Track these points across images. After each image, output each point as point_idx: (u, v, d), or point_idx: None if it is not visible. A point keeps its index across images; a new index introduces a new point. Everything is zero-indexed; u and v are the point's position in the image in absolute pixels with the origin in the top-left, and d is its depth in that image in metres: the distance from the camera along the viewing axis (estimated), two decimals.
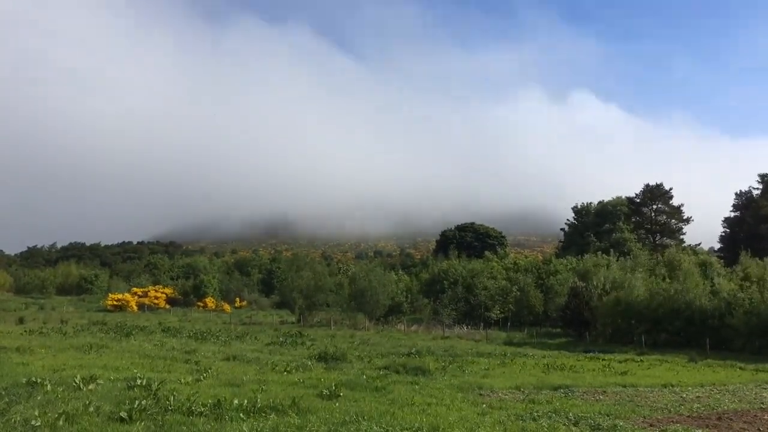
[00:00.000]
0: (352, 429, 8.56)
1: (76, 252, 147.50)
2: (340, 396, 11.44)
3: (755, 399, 14.76)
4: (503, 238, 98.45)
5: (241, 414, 9.02)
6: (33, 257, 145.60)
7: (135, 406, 8.87)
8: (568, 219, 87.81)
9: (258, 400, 9.98)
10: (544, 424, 9.84)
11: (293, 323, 48.64)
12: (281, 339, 29.03)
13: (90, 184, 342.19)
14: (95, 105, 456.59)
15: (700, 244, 76.56)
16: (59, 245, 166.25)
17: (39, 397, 9.79)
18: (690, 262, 49.71)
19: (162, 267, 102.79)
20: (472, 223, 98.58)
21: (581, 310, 41.36)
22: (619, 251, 63.71)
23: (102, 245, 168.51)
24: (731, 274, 45.07)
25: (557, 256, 71.73)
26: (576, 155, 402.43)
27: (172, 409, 9.07)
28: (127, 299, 64.79)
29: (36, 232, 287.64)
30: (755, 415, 12.06)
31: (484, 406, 11.57)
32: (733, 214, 76.02)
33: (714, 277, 41.65)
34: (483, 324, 49.43)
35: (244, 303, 78.80)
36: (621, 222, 78.48)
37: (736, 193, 77.07)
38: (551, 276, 57.05)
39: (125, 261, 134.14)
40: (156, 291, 73.18)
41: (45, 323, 36.06)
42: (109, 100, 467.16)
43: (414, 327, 46.27)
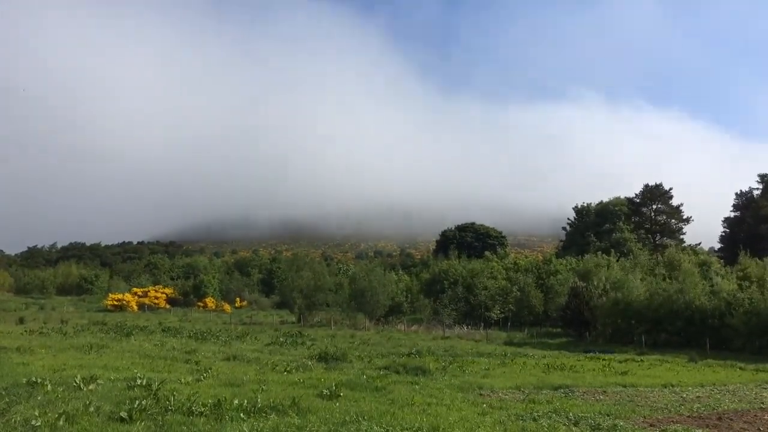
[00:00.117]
0: (352, 429, 8.56)
1: (76, 252, 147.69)
2: (340, 396, 11.44)
3: (755, 399, 14.77)
4: (503, 238, 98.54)
5: (242, 414, 9.02)
6: (33, 257, 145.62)
7: (135, 406, 8.88)
8: (568, 219, 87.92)
9: (258, 400, 9.99)
10: (544, 424, 9.84)
11: (293, 323, 48.65)
12: (281, 339, 29.01)
13: (90, 184, 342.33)
14: (97, 104, 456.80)
15: (700, 244, 76.63)
16: (59, 245, 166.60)
17: (39, 397, 9.78)
18: (690, 262, 49.81)
19: (162, 267, 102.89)
20: (472, 223, 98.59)
21: (581, 310, 41.38)
22: (620, 251, 63.86)
23: (102, 245, 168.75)
24: (730, 274, 45.09)
25: (557, 256, 71.68)
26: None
27: (172, 409, 9.07)
28: (128, 299, 64.84)
29: (36, 232, 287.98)
30: (755, 415, 12.07)
31: (484, 406, 11.57)
32: (733, 214, 76.14)
33: (713, 277, 41.68)
34: (483, 324, 49.40)
35: (244, 303, 78.77)
36: (621, 222, 78.48)
37: (736, 193, 77.31)
38: (551, 276, 57.01)
39: (125, 261, 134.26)
40: (156, 291, 73.22)
41: (45, 323, 36.06)
42: (110, 99, 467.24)
43: (414, 327, 46.24)
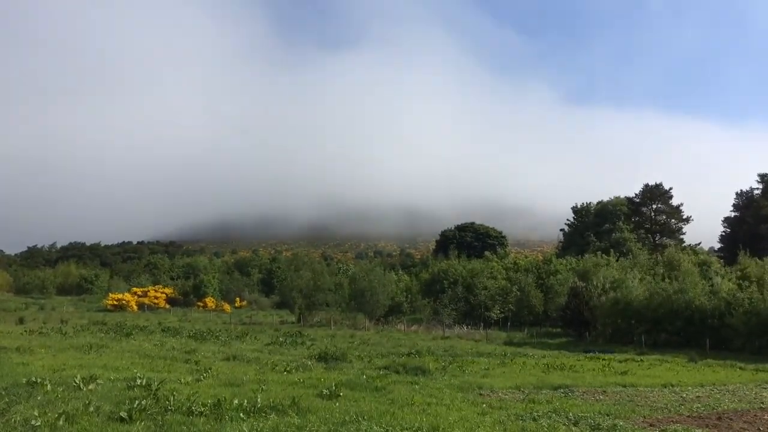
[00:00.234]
0: (352, 429, 8.56)
1: (76, 252, 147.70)
2: (340, 396, 11.44)
3: (755, 399, 14.77)
4: (503, 238, 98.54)
5: (241, 414, 9.02)
6: (33, 257, 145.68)
7: (135, 406, 8.88)
8: (568, 219, 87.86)
9: (258, 400, 9.98)
10: (544, 424, 9.83)
11: (293, 323, 48.65)
12: (281, 339, 29.01)
13: (90, 184, 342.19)
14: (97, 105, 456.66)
15: (700, 243, 76.59)
16: (59, 245, 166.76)
17: (39, 397, 9.79)
18: (690, 261, 49.78)
19: (162, 267, 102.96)
20: (472, 223, 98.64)
21: (581, 310, 41.38)
22: (619, 251, 63.85)
23: (102, 245, 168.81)
24: (730, 274, 45.07)
25: (557, 256, 71.67)
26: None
27: (172, 409, 9.07)
28: (127, 299, 64.89)
29: (36, 232, 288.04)
30: (755, 415, 12.07)
31: (484, 406, 11.57)
32: (733, 214, 76.14)
33: (713, 277, 41.66)
34: (483, 324, 49.39)
35: (244, 303, 78.79)
36: (621, 222, 78.44)
37: (736, 193, 77.32)
38: (551, 276, 57.01)
39: (125, 261, 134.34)
40: (156, 291, 73.29)
41: (45, 323, 36.10)
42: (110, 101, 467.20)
43: (414, 327, 46.24)
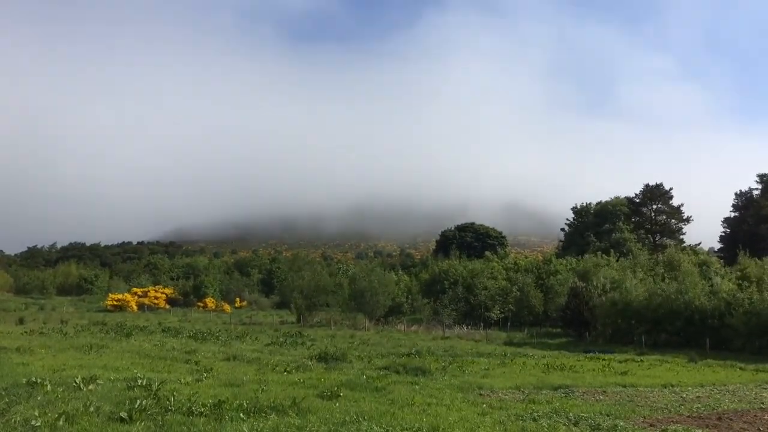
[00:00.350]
0: (352, 429, 8.56)
1: (76, 252, 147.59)
2: (340, 396, 11.44)
3: (755, 399, 14.77)
4: (503, 238, 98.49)
5: (242, 414, 9.02)
6: (33, 257, 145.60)
7: (135, 406, 8.87)
8: (567, 219, 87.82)
9: (258, 400, 9.99)
10: (544, 424, 9.84)
11: (293, 323, 48.65)
12: (281, 339, 29.00)
13: (90, 184, 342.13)
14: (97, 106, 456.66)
15: (700, 244, 76.51)
16: (59, 245, 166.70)
17: (39, 397, 9.78)
18: (690, 262, 49.76)
19: (162, 267, 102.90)
20: (472, 223, 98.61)
21: (581, 310, 41.37)
22: (619, 251, 63.79)
23: (102, 245, 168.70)
24: (730, 274, 45.05)
25: (557, 256, 71.64)
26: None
27: (172, 410, 9.07)
28: (127, 299, 64.88)
29: (36, 232, 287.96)
30: (755, 415, 12.07)
31: (484, 406, 11.57)
32: (733, 214, 76.13)
33: (713, 277, 41.63)
34: (483, 324, 49.39)
35: (244, 303, 78.80)
36: (621, 222, 78.40)
37: (735, 193, 77.30)
38: (551, 276, 57.00)
39: (125, 261, 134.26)
40: (156, 291, 73.27)
41: (45, 323, 36.12)
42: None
43: (414, 327, 46.25)
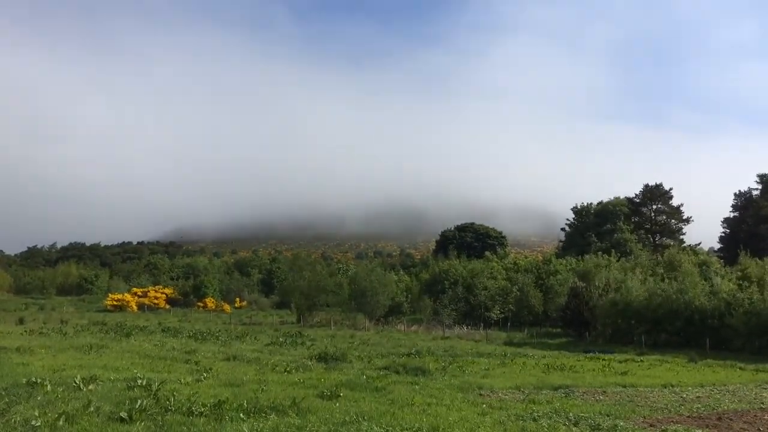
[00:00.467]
0: (352, 429, 8.55)
1: (76, 252, 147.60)
2: (340, 396, 11.43)
3: (755, 399, 14.77)
4: (503, 238, 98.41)
5: (242, 414, 9.02)
6: (33, 257, 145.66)
7: (135, 406, 8.87)
8: (568, 219, 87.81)
9: (258, 400, 9.99)
10: (544, 424, 9.84)
11: (293, 323, 48.65)
12: (281, 339, 28.99)
13: (91, 184, 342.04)
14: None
15: (700, 244, 76.51)
16: (59, 245, 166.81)
17: (39, 397, 9.78)
18: (690, 262, 49.76)
19: (162, 267, 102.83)
20: (472, 223, 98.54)
21: (581, 310, 41.38)
22: (620, 251, 63.77)
23: (102, 245, 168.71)
24: (730, 274, 45.04)
25: (557, 256, 71.64)
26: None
27: (172, 410, 9.07)
28: (127, 299, 64.89)
29: (36, 232, 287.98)
30: (755, 415, 12.07)
31: (484, 406, 11.56)
32: (733, 214, 76.12)
33: (713, 277, 41.62)
34: (483, 324, 49.39)
35: (244, 303, 78.75)
36: (621, 222, 78.40)
37: (735, 194, 77.28)
38: (551, 276, 57.00)
39: (125, 261, 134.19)
40: (156, 291, 73.24)
41: (45, 323, 36.11)
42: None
43: (414, 327, 46.25)
